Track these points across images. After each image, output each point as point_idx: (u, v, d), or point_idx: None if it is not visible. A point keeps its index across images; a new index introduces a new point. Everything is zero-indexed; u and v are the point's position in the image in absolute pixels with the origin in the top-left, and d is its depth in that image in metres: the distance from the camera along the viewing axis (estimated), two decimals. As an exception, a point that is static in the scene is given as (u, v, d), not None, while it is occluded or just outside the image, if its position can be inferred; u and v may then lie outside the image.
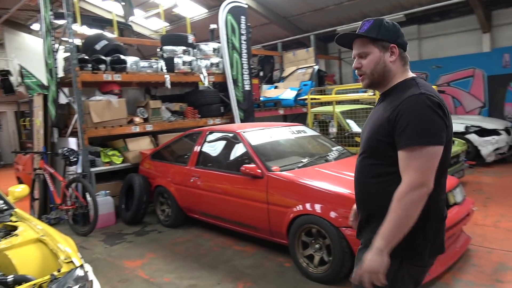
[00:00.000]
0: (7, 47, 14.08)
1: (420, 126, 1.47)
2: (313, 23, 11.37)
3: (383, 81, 1.66)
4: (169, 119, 6.58)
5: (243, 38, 7.34)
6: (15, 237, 2.60)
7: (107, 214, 5.40)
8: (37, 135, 6.27)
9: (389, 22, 1.63)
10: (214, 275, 3.67)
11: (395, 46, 1.62)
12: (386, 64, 1.63)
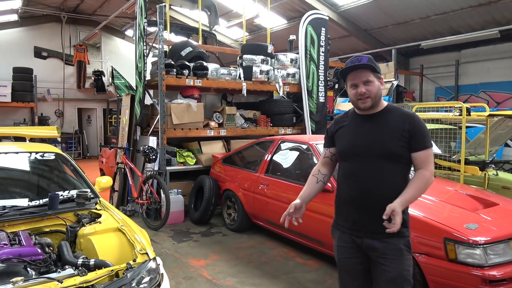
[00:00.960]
0: (103, 50, 15.52)
1: (428, 134, 2.10)
2: (395, 37, 10.97)
3: (377, 104, 2.12)
4: (242, 126, 6.74)
5: (322, 49, 7.31)
6: (98, 224, 2.82)
7: (177, 211, 5.65)
8: (122, 132, 6.79)
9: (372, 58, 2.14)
10: (275, 285, 3.65)
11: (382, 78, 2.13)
12: (380, 90, 2.10)
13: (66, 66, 14.39)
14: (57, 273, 2.21)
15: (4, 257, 2.27)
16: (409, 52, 11.54)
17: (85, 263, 2.34)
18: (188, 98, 6.25)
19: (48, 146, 3.87)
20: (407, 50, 11.26)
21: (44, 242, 2.67)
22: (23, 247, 2.42)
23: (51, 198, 3.00)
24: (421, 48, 10.33)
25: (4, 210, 2.83)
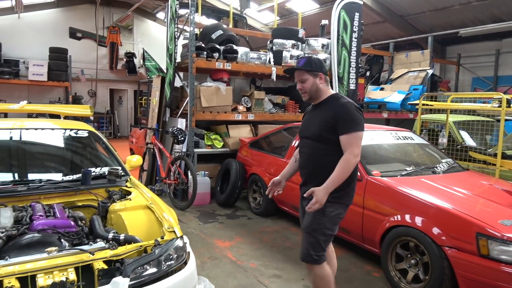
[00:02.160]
0: (135, 32, 15.72)
1: (353, 120, 2.45)
2: (432, 24, 10.54)
3: (316, 96, 2.59)
4: (270, 111, 6.70)
5: (355, 35, 7.11)
6: (128, 201, 2.90)
7: (204, 193, 5.73)
8: (152, 113, 6.90)
9: (316, 58, 2.60)
10: (298, 270, 3.65)
11: (322, 74, 2.54)
12: (317, 85, 2.55)
13: (99, 47, 14.69)
14: (89, 246, 2.28)
15: (40, 228, 2.37)
16: (446, 40, 11.07)
17: (115, 237, 2.41)
18: (217, 81, 6.26)
19: (82, 124, 3.97)
20: (444, 38, 10.80)
21: (77, 216, 2.76)
22: (58, 219, 2.52)
23: (84, 174, 3.09)
24: (459, 36, 9.88)
25: (40, 183, 2.95)
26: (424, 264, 3.15)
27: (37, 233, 2.31)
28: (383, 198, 3.54)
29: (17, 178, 3.11)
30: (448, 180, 3.77)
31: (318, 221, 2.53)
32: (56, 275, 2.00)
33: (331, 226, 2.58)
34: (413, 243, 3.21)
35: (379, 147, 4.45)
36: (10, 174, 3.26)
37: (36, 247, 2.22)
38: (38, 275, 1.99)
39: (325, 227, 2.55)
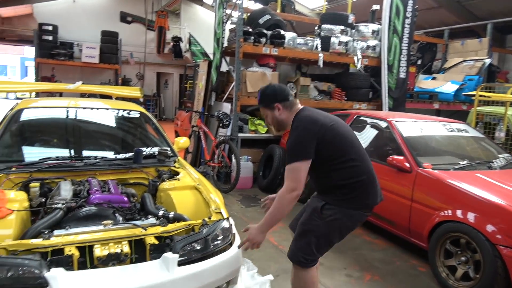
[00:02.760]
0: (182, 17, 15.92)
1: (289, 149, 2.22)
2: (492, 10, 9.85)
3: (283, 127, 2.39)
4: (316, 98, 6.61)
5: (407, 21, 6.80)
6: (177, 181, 2.97)
7: (246, 177, 5.79)
8: (198, 97, 7.01)
9: (269, 88, 2.38)
10: (341, 259, 3.62)
11: (278, 103, 2.29)
12: (277, 117, 2.34)
13: (148, 32, 15.04)
14: (141, 221, 2.38)
15: (96, 202, 2.50)
16: (507, 28, 10.34)
17: (165, 215, 2.49)
18: (264, 66, 6.24)
19: (133, 105, 4.11)
20: (504, 26, 10.08)
21: (129, 192, 2.88)
22: (112, 194, 2.64)
23: (136, 153, 3.20)
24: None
25: (96, 160, 3.09)
26: (475, 262, 3.01)
27: (93, 206, 2.44)
28: (433, 191, 3.41)
29: (73, 154, 3.28)
30: (505, 176, 3.56)
31: (313, 222, 2.30)
32: (112, 247, 2.11)
33: (326, 231, 2.28)
34: (464, 240, 3.08)
35: (431, 138, 4.28)
36: (67, 150, 3.44)
37: (93, 219, 2.34)
38: (95, 245, 2.10)
39: (319, 230, 2.27)
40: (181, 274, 2.11)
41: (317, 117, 2.25)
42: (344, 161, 2.25)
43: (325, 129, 2.20)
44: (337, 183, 2.27)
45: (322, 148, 2.19)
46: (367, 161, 2.35)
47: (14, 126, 3.38)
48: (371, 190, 2.33)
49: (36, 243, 2.00)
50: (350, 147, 2.30)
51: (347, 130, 2.35)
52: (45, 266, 1.89)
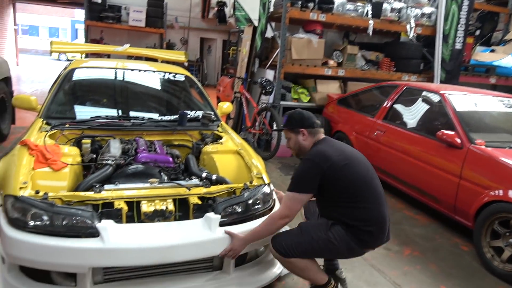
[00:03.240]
0: (227, -19, 15.62)
1: (293, 178, 2.23)
2: None
3: (302, 153, 2.35)
4: (362, 68, 6.37)
5: (469, -13, 6.29)
6: (220, 144, 3.01)
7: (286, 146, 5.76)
8: (241, 63, 6.96)
9: (296, 112, 2.39)
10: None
11: (303, 129, 2.30)
12: (300, 142, 2.34)
13: (193, -4, 14.96)
14: (185, 181, 2.45)
15: (144, 160, 2.59)
16: None
17: (208, 177, 2.55)
18: (310, 33, 6.04)
19: (179, 68, 4.15)
20: None
21: (174, 153, 2.96)
22: (158, 154, 2.72)
23: (181, 115, 3.26)
24: None
25: (143, 121, 3.18)
26: (525, 245, 2.88)
27: (141, 164, 2.53)
28: (484, 169, 3.24)
29: (121, 114, 3.39)
30: None
31: (317, 232, 2.18)
32: (157, 204, 2.19)
33: (322, 248, 2.17)
34: (515, 222, 2.94)
35: (486, 114, 4.03)
36: (115, 110, 3.56)
37: (140, 177, 2.44)
38: (142, 201, 2.20)
39: (317, 243, 2.16)
40: (222, 234, 2.17)
41: (331, 154, 2.16)
42: (354, 201, 2.16)
43: (334, 169, 2.13)
44: (344, 220, 2.16)
45: (329, 186, 2.15)
46: (381, 204, 2.22)
47: (67, 84, 3.53)
48: (379, 235, 2.21)
49: (88, 196, 2.11)
50: (363, 189, 2.18)
51: (362, 170, 2.21)
52: (96, 217, 2.01)
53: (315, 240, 2.16)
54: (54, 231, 1.93)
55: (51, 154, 2.38)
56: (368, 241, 2.19)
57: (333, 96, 5.87)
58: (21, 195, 2.00)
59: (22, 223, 1.93)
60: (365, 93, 5.39)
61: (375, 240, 2.22)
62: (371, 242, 2.22)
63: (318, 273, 2.25)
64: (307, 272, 2.24)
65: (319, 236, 2.16)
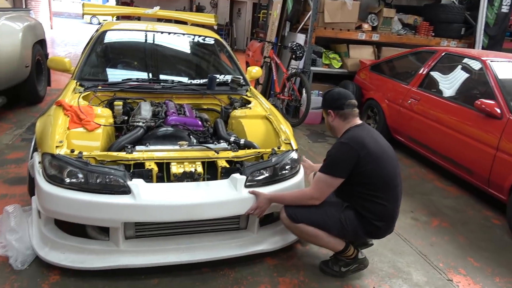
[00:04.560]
0: None
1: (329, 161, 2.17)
2: None
3: (334, 133, 2.36)
4: (399, 32, 6.08)
5: None
6: (248, 109, 3.00)
7: (315, 113, 5.68)
8: (272, 27, 6.79)
9: (329, 93, 2.34)
10: (408, 202, 3.52)
11: (331, 110, 2.27)
12: (329, 122, 2.34)
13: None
14: (213, 145, 2.47)
15: (173, 123, 2.62)
16: None
17: (236, 141, 2.56)
18: (344, -5, 5.77)
19: (209, 31, 4.09)
20: None
21: (203, 117, 2.98)
22: (188, 117, 2.74)
23: (210, 79, 3.25)
24: None
25: (173, 84, 3.19)
26: (562, 221, 2.77)
27: (170, 127, 2.57)
28: (524, 141, 3.09)
29: (151, 77, 3.41)
30: None
31: (332, 209, 2.21)
32: (186, 166, 2.24)
33: (331, 225, 2.19)
34: (553, 196, 2.82)
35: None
36: (145, 73, 3.58)
37: (170, 139, 2.48)
38: (172, 163, 2.24)
39: (329, 219, 2.19)
40: (247, 195, 2.20)
41: (368, 142, 2.13)
42: (373, 195, 2.16)
43: (368, 158, 2.10)
44: (358, 208, 2.20)
45: (357, 173, 2.12)
46: (397, 205, 2.25)
47: (99, 47, 3.57)
48: (386, 231, 2.27)
49: (121, 156, 2.18)
50: (387, 186, 2.17)
51: (391, 166, 2.19)
52: (128, 177, 2.07)
53: (328, 216, 2.19)
54: (89, 188, 2.01)
55: (85, 115, 2.44)
56: (373, 233, 2.25)
57: (366, 62, 5.67)
58: (58, 153, 2.08)
59: (58, 180, 2.02)
60: (400, 59, 5.17)
61: (380, 234, 2.28)
62: (376, 235, 2.30)
63: (330, 241, 2.25)
64: (318, 239, 2.25)
65: (332, 213, 2.20)
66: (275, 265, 2.42)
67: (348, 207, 2.22)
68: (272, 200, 2.23)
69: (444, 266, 2.64)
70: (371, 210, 2.17)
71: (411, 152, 4.64)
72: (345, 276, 2.37)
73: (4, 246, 2.22)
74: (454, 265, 2.67)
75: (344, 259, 2.33)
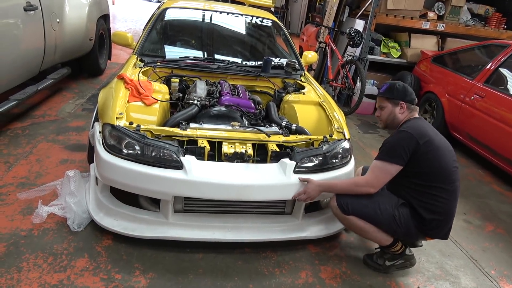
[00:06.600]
0: None
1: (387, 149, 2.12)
2: None
3: (393, 126, 2.27)
4: (467, 23, 5.70)
5: None
6: (302, 94, 2.96)
7: (368, 103, 5.51)
8: (330, 11, 6.60)
9: (399, 84, 2.25)
10: (462, 203, 3.34)
11: (404, 102, 2.21)
12: (395, 114, 2.24)
13: None
14: (265, 128, 2.47)
15: (227, 103, 2.64)
16: None
17: (288, 126, 2.54)
18: (410, -20, 5.47)
19: (266, 13, 4.05)
20: None
21: (256, 99, 2.98)
22: (241, 99, 2.75)
23: (265, 62, 3.23)
24: None
25: (229, 64, 3.21)
26: None
27: (224, 107, 2.59)
28: None
29: (207, 56, 3.44)
30: None
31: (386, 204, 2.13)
32: (237, 146, 2.26)
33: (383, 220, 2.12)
34: None
35: None
36: (201, 52, 3.63)
37: (223, 119, 2.51)
38: (223, 143, 2.27)
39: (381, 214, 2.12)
40: (295, 180, 2.19)
41: (428, 131, 2.10)
42: (429, 187, 2.08)
43: (428, 148, 2.04)
44: (411, 202, 2.13)
45: (414, 164, 2.06)
46: (455, 199, 2.15)
47: (159, 24, 3.65)
48: (442, 228, 2.16)
49: (176, 132, 2.23)
50: (445, 179, 2.09)
51: (450, 159, 2.11)
52: (181, 152, 2.13)
53: (381, 211, 2.12)
54: (144, 160, 2.09)
55: (143, 89, 2.52)
56: (429, 231, 2.16)
57: (427, 53, 5.38)
58: (118, 124, 2.17)
59: (117, 150, 2.12)
60: (466, 51, 4.85)
61: (437, 232, 2.17)
62: (432, 234, 2.18)
63: (379, 235, 2.20)
64: (366, 233, 2.20)
65: (386, 208, 2.13)
66: (317, 253, 2.40)
67: (403, 204, 2.14)
68: (322, 187, 2.19)
69: (496, 274, 2.50)
70: (428, 203, 2.08)
71: (469, 151, 4.39)
72: (389, 271, 2.31)
73: (63, 208, 2.38)
74: (507, 274, 2.52)
75: (391, 253, 2.28)
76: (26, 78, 3.66)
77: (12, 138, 3.35)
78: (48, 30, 3.77)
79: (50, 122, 3.81)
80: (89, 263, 2.06)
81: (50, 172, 2.87)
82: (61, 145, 3.33)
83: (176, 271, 2.09)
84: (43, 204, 2.38)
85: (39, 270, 1.97)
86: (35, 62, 3.69)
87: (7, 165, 2.91)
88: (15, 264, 1.99)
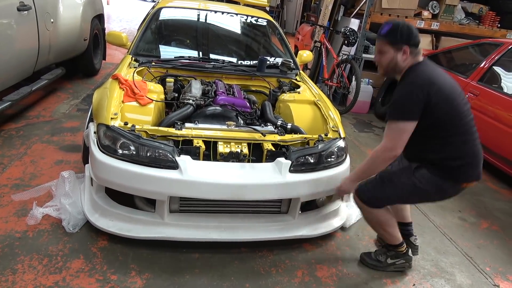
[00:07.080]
0: None
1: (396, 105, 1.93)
2: None
3: (394, 74, 2.05)
4: (461, 21, 5.73)
5: None
6: (297, 93, 2.96)
7: (363, 102, 5.53)
8: (325, 10, 6.61)
9: (405, 25, 1.96)
10: (457, 201, 3.36)
11: (408, 46, 1.94)
12: (397, 60, 1.98)
13: None
14: (260, 127, 2.47)
15: (222, 103, 2.64)
16: None
17: (283, 125, 2.54)
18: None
19: (261, 12, 4.05)
20: None
21: (251, 99, 2.98)
22: (236, 98, 2.75)
23: (260, 61, 3.23)
24: None
25: (224, 64, 3.21)
26: None
27: (219, 107, 2.59)
28: None
29: (202, 56, 3.44)
30: None
31: (401, 179, 2.08)
32: (233, 146, 2.25)
33: (407, 194, 2.09)
34: None
35: None
36: (196, 52, 3.62)
37: (218, 118, 2.50)
38: (219, 142, 2.27)
39: (402, 189, 2.08)
40: (291, 179, 2.19)
41: (436, 78, 1.92)
42: (446, 135, 1.96)
43: (439, 95, 1.88)
44: (431, 158, 2.02)
45: (427, 115, 1.90)
46: (476, 138, 2.01)
47: (154, 24, 3.64)
48: (472, 169, 2.02)
49: (171, 132, 2.23)
50: (461, 122, 1.95)
51: (462, 102, 1.97)
52: (176, 152, 2.12)
53: (400, 188, 2.07)
54: (139, 161, 2.08)
55: (138, 89, 2.51)
56: (462, 176, 2.02)
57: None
58: (112, 125, 2.17)
59: (112, 150, 2.11)
60: (460, 50, 4.88)
61: (470, 175, 2.03)
62: (465, 177, 2.03)
63: (395, 232, 2.22)
64: (386, 228, 2.21)
65: (403, 182, 2.06)
66: (313, 252, 2.41)
67: (418, 167, 2.05)
68: (354, 178, 2.16)
69: (491, 271, 2.52)
70: (450, 151, 1.97)
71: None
72: (387, 269, 2.32)
73: (58, 209, 2.37)
74: (502, 271, 2.54)
75: (395, 251, 2.30)
76: (20, 78, 3.64)
77: (6, 139, 3.33)
78: (42, 30, 3.75)
79: (44, 123, 3.79)
80: (84, 264, 2.05)
81: (45, 173, 2.86)
82: (55, 146, 3.31)
83: (172, 271, 2.09)
84: (38, 206, 2.37)
85: (34, 271, 1.96)
86: (29, 63, 3.67)
87: (1, 166, 2.89)
88: (10, 266, 1.98)
